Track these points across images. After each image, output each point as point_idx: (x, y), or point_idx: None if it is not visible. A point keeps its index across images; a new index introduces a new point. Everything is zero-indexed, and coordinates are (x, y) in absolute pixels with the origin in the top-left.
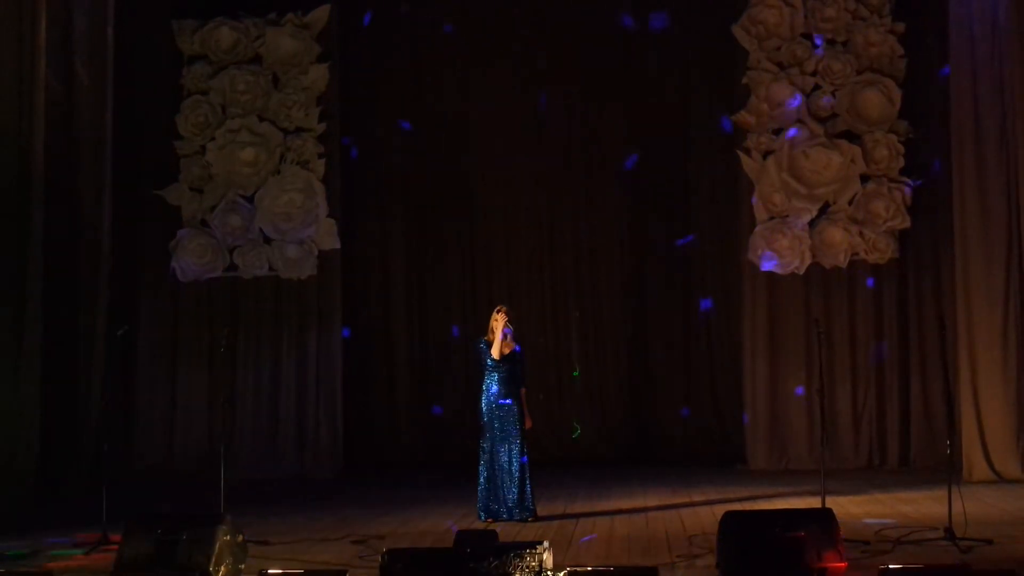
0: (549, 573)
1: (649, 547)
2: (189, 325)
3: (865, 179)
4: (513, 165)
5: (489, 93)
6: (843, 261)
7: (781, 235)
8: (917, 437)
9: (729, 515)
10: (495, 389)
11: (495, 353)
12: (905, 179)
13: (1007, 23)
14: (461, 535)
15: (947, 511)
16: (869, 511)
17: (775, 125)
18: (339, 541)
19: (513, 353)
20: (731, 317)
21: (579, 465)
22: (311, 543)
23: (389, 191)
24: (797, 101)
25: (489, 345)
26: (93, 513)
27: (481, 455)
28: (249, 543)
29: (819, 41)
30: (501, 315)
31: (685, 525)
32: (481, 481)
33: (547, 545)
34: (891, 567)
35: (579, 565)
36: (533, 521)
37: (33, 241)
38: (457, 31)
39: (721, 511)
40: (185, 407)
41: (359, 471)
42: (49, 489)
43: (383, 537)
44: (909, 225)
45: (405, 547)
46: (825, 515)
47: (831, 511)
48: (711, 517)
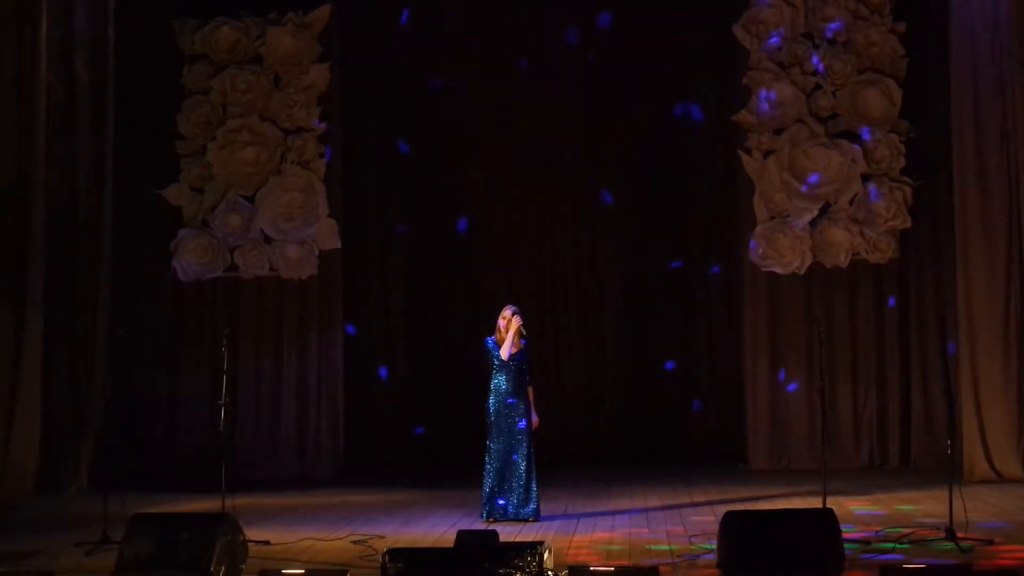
0: (550, 573)
1: (650, 547)
2: (190, 325)
3: (866, 179)
4: (514, 165)
5: (490, 93)
6: (844, 261)
7: (782, 235)
8: (918, 437)
9: (730, 515)
10: (503, 387)
11: (503, 354)
12: (906, 179)
13: (1008, 22)
14: (462, 535)
15: (948, 511)
16: (870, 511)
17: (776, 125)
18: (340, 541)
19: (521, 351)
20: (732, 317)
21: (579, 465)
22: (312, 543)
23: (390, 191)
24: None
25: (497, 343)
26: (94, 513)
27: (488, 454)
28: (250, 543)
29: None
30: (515, 319)
31: (686, 525)
32: (487, 480)
33: (548, 545)
34: (892, 566)
35: (580, 565)
36: (534, 521)
37: (33, 241)
38: (458, 31)
39: (722, 511)
40: (186, 407)
41: (360, 471)
42: (49, 489)
43: (384, 537)
44: (910, 225)
45: (406, 547)
46: (826, 515)
47: (832, 511)
48: (712, 517)
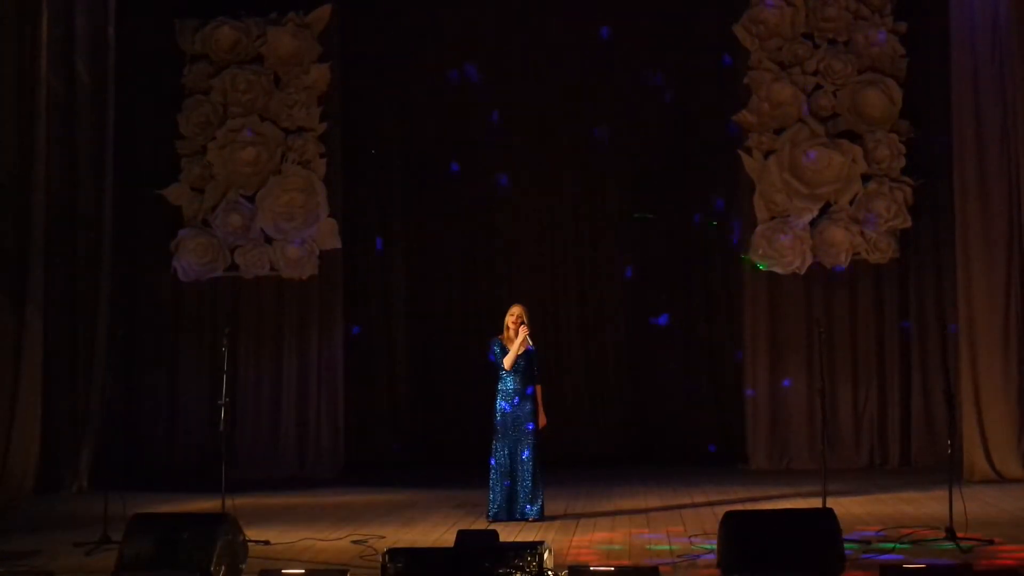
0: (550, 573)
1: (650, 547)
2: (190, 325)
3: (866, 179)
4: (514, 164)
5: (490, 92)
6: (844, 261)
7: (782, 235)
8: (918, 437)
9: (730, 515)
10: (510, 388)
11: (509, 358)
12: (906, 179)
13: (1008, 22)
14: (462, 535)
15: (948, 511)
16: (870, 511)
17: (776, 125)
18: (340, 541)
19: (528, 351)
20: (732, 316)
21: (580, 465)
22: (312, 543)
23: (390, 191)
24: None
25: (503, 346)
26: (94, 513)
27: (493, 455)
28: (250, 543)
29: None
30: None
31: (686, 525)
32: (493, 481)
33: (548, 545)
34: (892, 566)
35: (580, 565)
36: (535, 521)
37: (33, 241)
38: (459, 30)
39: (722, 511)
40: (186, 407)
41: (360, 471)
42: (50, 489)
43: (384, 537)
44: (910, 225)
45: (406, 547)
46: (826, 515)
47: (832, 511)
48: (712, 517)
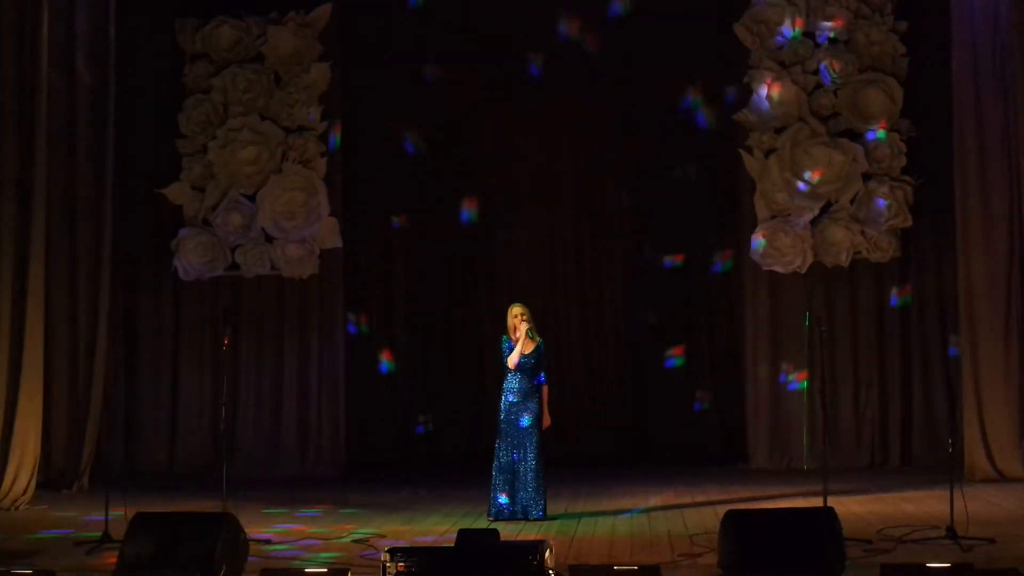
0: (551, 572)
1: (651, 546)
2: (191, 324)
3: (867, 178)
4: (514, 163)
5: (491, 92)
6: (845, 260)
7: (783, 233)
8: (919, 436)
9: (731, 514)
10: (514, 387)
11: (513, 358)
12: (907, 178)
13: (1009, 20)
14: (463, 534)
15: (949, 510)
16: (871, 510)
17: (777, 124)
18: (341, 540)
19: (536, 351)
20: (733, 316)
21: (581, 464)
22: (313, 542)
23: (391, 190)
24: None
25: (511, 345)
26: (94, 512)
27: (496, 454)
28: (251, 542)
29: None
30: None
31: (687, 524)
32: (494, 480)
33: (548, 544)
34: (893, 566)
35: (581, 564)
36: (536, 520)
37: (34, 240)
38: (459, 30)
39: (723, 510)
40: (187, 406)
41: (361, 470)
42: (50, 489)
43: (385, 536)
44: (911, 224)
45: (407, 546)
46: (827, 514)
47: (833, 510)
48: (713, 516)
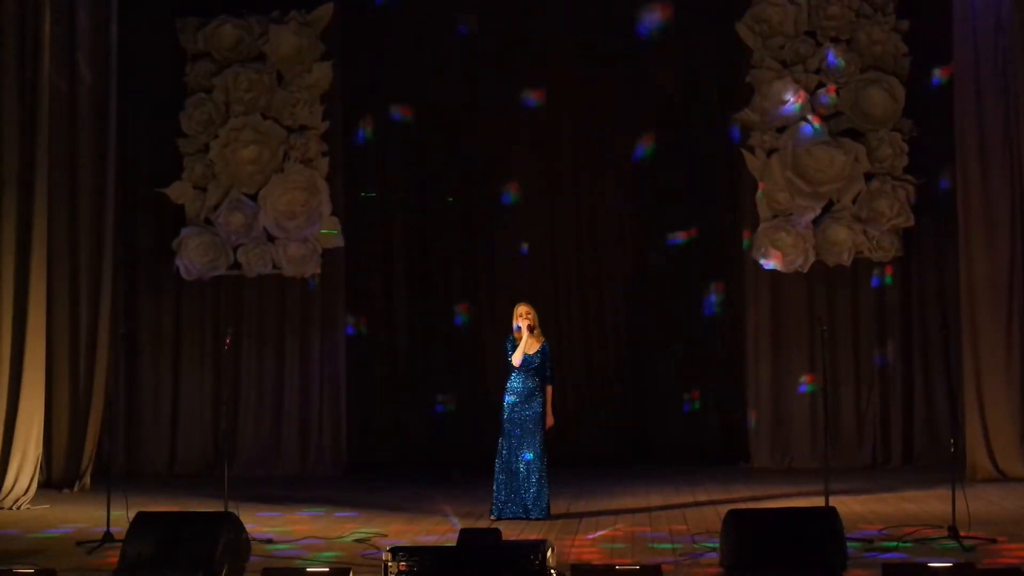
0: (552, 572)
1: (653, 545)
2: (192, 324)
3: (869, 177)
4: (516, 163)
5: (492, 91)
6: (847, 260)
7: (785, 233)
8: (921, 435)
9: (733, 513)
10: (517, 387)
11: (515, 361)
12: (909, 177)
13: (1010, 20)
14: (464, 534)
15: (951, 509)
16: (873, 509)
17: (779, 123)
18: (343, 539)
19: (542, 350)
20: (734, 315)
21: (582, 464)
22: (315, 541)
23: (393, 188)
24: (790, 107)
25: (514, 344)
26: (95, 512)
27: (499, 453)
28: (252, 541)
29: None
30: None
31: (689, 524)
32: (497, 480)
33: (550, 544)
34: (895, 565)
35: (582, 564)
36: (538, 520)
37: (35, 239)
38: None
39: (725, 510)
40: (188, 406)
41: (363, 469)
42: (50, 489)
43: (386, 535)
44: (913, 223)
45: (409, 545)
46: (829, 514)
47: (835, 510)
48: (715, 516)
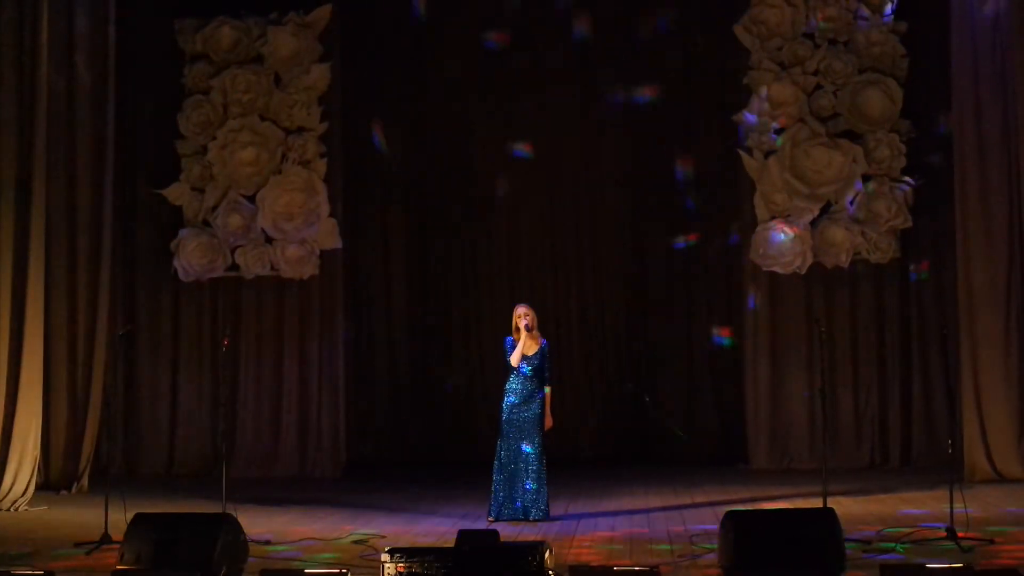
0: (550, 573)
1: (651, 546)
2: (191, 325)
3: (867, 178)
4: (514, 164)
5: (491, 92)
6: (845, 261)
7: (783, 234)
8: (919, 437)
9: (731, 514)
10: (516, 388)
11: (513, 361)
12: (907, 179)
13: (1008, 21)
14: (463, 535)
15: (949, 510)
16: (871, 510)
17: (777, 125)
18: (341, 541)
19: (541, 351)
20: (733, 316)
21: (580, 465)
22: (313, 542)
23: (391, 190)
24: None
25: (513, 345)
26: (94, 513)
27: (497, 454)
28: (251, 542)
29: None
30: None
31: (687, 525)
32: (495, 482)
33: (548, 545)
34: (892, 566)
35: (581, 565)
36: (537, 521)
37: (33, 240)
38: (459, 29)
39: (723, 511)
40: (187, 407)
41: (361, 470)
42: (49, 489)
43: (385, 536)
44: (911, 225)
45: (407, 546)
46: (827, 515)
47: (833, 511)
48: (713, 517)
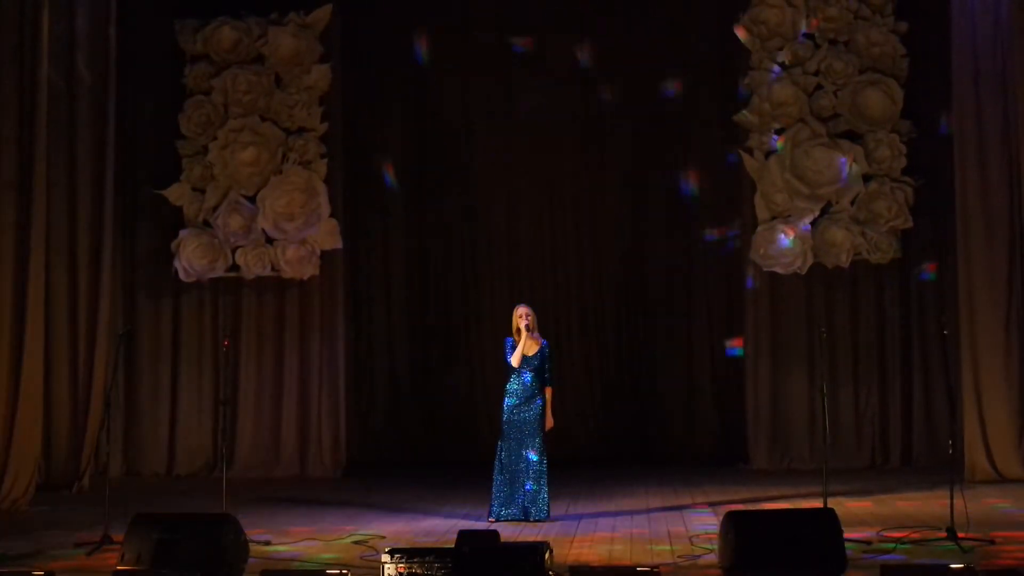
0: (551, 573)
1: (651, 547)
2: (191, 325)
3: (867, 179)
4: (514, 164)
5: (491, 92)
6: (845, 261)
7: (783, 235)
8: (919, 437)
9: (731, 515)
10: (516, 388)
11: (513, 362)
12: (907, 179)
13: (1009, 21)
14: (463, 535)
15: (949, 510)
16: (871, 511)
17: (777, 125)
18: (341, 541)
19: (541, 351)
20: (733, 317)
21: (581, 465)
22: (313, 543)
23: (391, 190)
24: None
25: (514, 345)
26: (94, 513)
27: (497, 455)
28: (251, 543)
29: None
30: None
31: (687, 525)
32: (495, 482)
33: (548, 545)
34: (893, 566)
35: (581, 565)
36: (537, 521)
37: (34, 241)
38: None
39: (723, 511)
40: (187, 407)
41: (361, 471)
42: (50, 489)
43: (385, 537)
44: (911, 225)
45: (407, 547)
46: (827, 515)
47: (833, 511)
48: (713, 517)
